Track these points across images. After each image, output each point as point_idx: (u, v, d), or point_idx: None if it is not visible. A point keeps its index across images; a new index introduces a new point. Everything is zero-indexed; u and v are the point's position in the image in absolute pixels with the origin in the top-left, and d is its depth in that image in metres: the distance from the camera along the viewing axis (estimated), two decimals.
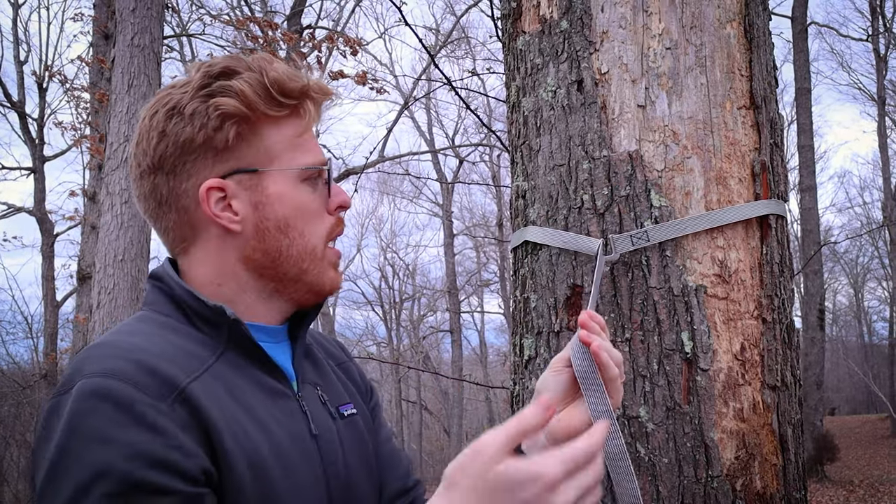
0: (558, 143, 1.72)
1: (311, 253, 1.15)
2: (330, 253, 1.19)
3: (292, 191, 1.14)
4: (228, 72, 1.11)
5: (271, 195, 1.13)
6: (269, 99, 1.11)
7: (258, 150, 1.13)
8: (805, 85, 16.23)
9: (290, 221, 1.14)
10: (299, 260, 1.15)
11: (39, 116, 17.45)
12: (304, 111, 1.15)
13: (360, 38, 12.65)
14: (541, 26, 1.80)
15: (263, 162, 1.13)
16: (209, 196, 1.11)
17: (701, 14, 1.69)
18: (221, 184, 1.11)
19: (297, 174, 1.14)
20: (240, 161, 1.12)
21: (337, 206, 1.19)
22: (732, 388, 1.58)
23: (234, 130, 1.10)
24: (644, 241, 1.58)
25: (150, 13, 6.80)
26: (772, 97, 1.78)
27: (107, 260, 6.30)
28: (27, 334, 19.42)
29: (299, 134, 1.16)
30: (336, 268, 1.21)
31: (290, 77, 1.12)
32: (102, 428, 0.91)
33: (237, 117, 1.10)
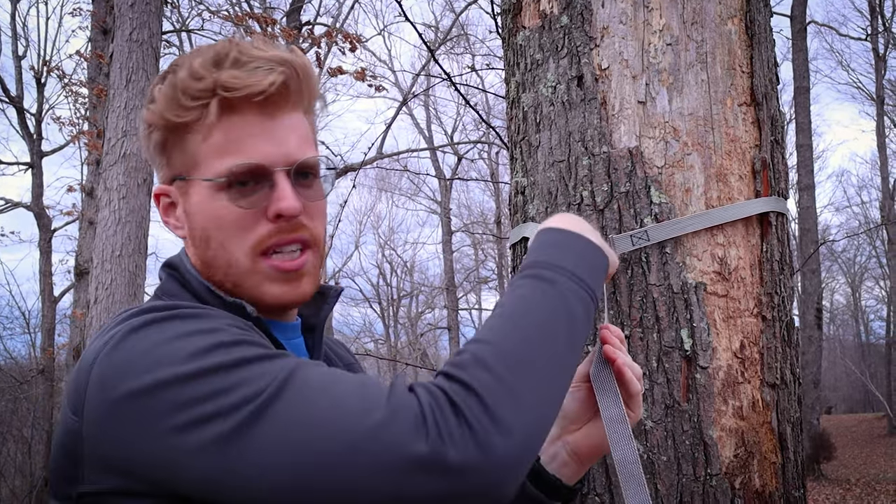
0: (558, 138, 1.71)
1: (234, 266, 1.06)
2: (263, 267, 1.06)
3: (209, 201, 1.06)
4: (166, 74, 1.08)
5: (193, 204, 1.08)
6: (174, 104, 1.04)
7: (185, 156, 1.07)
8: (804, 84, 16.24)
9: (209, 232, 1.07)
10: (227, 272, 1.07)
11: (37, 111, 17.42)
12: (207, 113, 1.03)
13: (359, 35, 12.62)
14: (541, 21, 1.79)
15: (188, 168, 1.07)
16: (159, 201, 1.12)
17: (702, 10, 1.68)
18: (166, 189, 1.11)
19: (213, 183, 1.05)
20: (174, 168, 1.09)
21: (274, 214, 1.05)
22: (732, 386, 1.57)
23: (158, 137, 1.08)
24: (644, 240, 1.57)
25: (149, 8, 6.78)
26: (773, 94, 1.77)
27: (104, 255, 6.29)
28: (24, 329, 19.38)
29: (207, 138, 1.05)
30: (282, 281, 1.07)
31: (197, 76, 1.03)
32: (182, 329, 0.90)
33: (154, 125, 1.07)
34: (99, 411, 0.88)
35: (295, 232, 1.07)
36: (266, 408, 0.81)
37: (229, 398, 0.82)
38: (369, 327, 33.11)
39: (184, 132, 1.06)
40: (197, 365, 0.85)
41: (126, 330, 0.92)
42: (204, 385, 0.83)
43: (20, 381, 16.02)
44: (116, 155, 6.41)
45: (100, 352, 0.92)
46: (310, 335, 1.20)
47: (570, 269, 0.99)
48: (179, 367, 0.85)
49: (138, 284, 6.35)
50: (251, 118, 1.05)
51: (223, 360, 0.85)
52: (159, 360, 0.86)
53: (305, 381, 0.84)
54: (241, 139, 1.04)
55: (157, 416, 0.84)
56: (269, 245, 1.06)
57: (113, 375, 0.88)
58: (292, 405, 0.82)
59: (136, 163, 6.33)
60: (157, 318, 0.92)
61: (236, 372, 0.84)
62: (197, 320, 0.92)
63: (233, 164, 1.03)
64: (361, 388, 0.84)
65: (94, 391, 0.89)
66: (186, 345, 0.87)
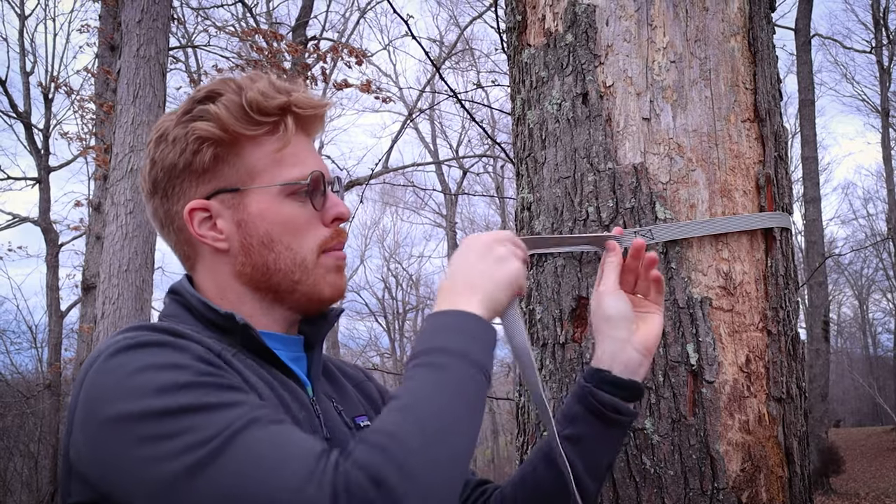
0: (563, 155, 1.73)
1: (300, 265, 1.17)
2: (326, 260, 1.19)
3: (275, 206, 1.16)
4: (212, 95, 1.16)
5: (253, 213, 1.16)
6: (245, 118, 1.14)
7: (239, 169, 1.16)
8: (809, 96, 16.26)
9: (274, 236, 1.16)
10: (289, 273, 1.17)
11: (45, 127, 17.53)
12: (285, 127, 1.16)
13: (364, 50, 12.70)
14: (546, 39, 1.81)
15: (244, 180, 1.16)
16: (192, 217, 1.17)
17: (705, 28, 1.70)
18: (205, 204, 1.17)
19: (279, 189, 1.16)
20: (221, 181, 1.17)
21: (333, 218, 1.20)
22: (738, 401, 1.58)
23: (212, 152, 1.15)
24: (648, 239, 1.58)
25: (156, 25, 6.84)
26: (776, 110, 1.79)
27: (111, 270, 6.32)
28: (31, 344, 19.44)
29: (280, 149, 1.16)
30: (338, 271, 1.21)
31: (267, 95, 1.14)
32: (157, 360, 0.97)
33: (212, 140, 1.14)
34: (81, 433, 0.97)
35: (343, 236, 1.23)
36: (210, 459, 0.89)
37: (181, 441, 0.90)
38: (375, 341, 33.13)
39: (240, 146, 1.16)
40: (158, 403, 0.92)
41: (111, 351, 0.99)
42: (160, 425, 0.91)
43: (27, 396, 16.05)
44: (124, 170, 6.45)
45: (88, 368, 1.00)
46: (309, 352, 1.27)
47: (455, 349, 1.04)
48: (145, 402, 0.92)
49: (145, 299, 6.37)
50: (303, 137, 1.21)
51: (181, 404, 0.92)
52: (130, 391, 0.93)
53: (252, 441, 0.90)
54: (302, 153, 1.19)
55: (123, 446, 0.92)
56: (332, 245, 1.20)
57: (94, 399, 0.96)
58: (235, 463, 0.89)
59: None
60: (136, 343, 0.99)
61: (190, 417, 0.91)
62: (169, 351, 0.98)
63: (303, 172, 1.17)
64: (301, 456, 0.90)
65: (80, 412, 0.98)
66: (153, 378, 0.94)
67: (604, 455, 1.30)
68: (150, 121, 6.56)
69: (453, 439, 0.96)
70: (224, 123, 1.13)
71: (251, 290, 1.19)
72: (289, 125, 1.16)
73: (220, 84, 1.17)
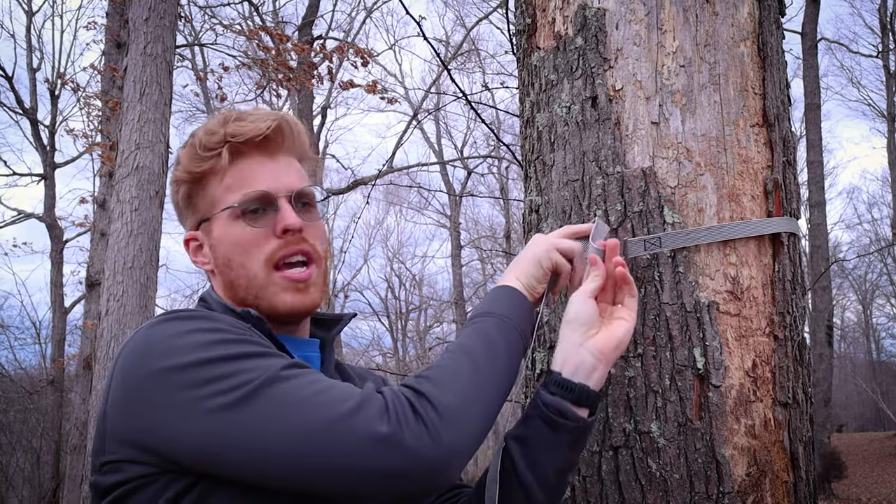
0: (572, 158, 1.73)
1: (253, 280, 1.27)
2: (276, 279, 1.27)
3: (226, 229, 1.28)
4: (186, 142, 1.34)
5: (215, 237, 1.31)
6: (195, 157, 1.29)
7: (206, 201, 1.31)
8: (815, 101, 16.24)
9: (230, 256, 1.29)
10: (248, 288, 1.28)
11: (51, 123, 17.57)
12: (220, 157, 1.28)
13: (370, 49, 12.70)
14: (555, 43, 1.82)
15: (209, 209, 1.31)
16: (188, 246, 1.35)
17: (715, 32, 1.71)
18: (194, 234, 1.34)
19: (230, 213, 1.28)
20: (198, 213, 1.33)
21: (282, 230, 1.27)
22: (744, 405, 1.58)
23: (184, 191, 1.33)
24: (656, 246, 1.58)
25: (163, 23, 6.85)
26: (785, 115, 1.79)
27: (116, 267, 6.33)
28: (35, 340, 19.48)
29: (222, 179, 1.29)
30: (295, 291, 1.28)
31: (210, 131, 1.28)
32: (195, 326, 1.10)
33: (181, 180, 1.32)
34: (119, 391, 1.08)
35: (299, 245, 1.28)
36: (257, 391, 1.00)
37: (228, 381, 1.01)
38: (378, 341, 33.11)
39: (204, 180, 1.30)
40: (203, 354, 1.03)
41: (147, 325, 1.12)
42: (208, 370, 1.02)
43: (30, 392, 16.08)
44: (129, 167, 6.47)
45: (132, 340, 1.12)
46: (322, 352, 1.39)
47: (492, 311, 1.29)
48: (189, 355, 1.03)
49: (149, 296, 6.39)
50: (257, 158, 1.30)
51: (224, 353, 1.03)
52: (175, 349, 1.05)
53: (291, 376, 1.03)
54: (249, 176, 1.29)
55: (167, 393, 1.03)
56: (280, 256, 1.27)
57: (136, 358, 1.08)
58: (280, 392, 1.01)
59: (149, 175, 6.39)
60: (175, 316, 1.12)
61: (234, 363, 1.03)
62: (205, 320, 1.11)
63: (244, 192, 1.27)
64: (339, 385, 1.06)
65: (117, 376, 1.09)
66: (196, 337, 1.06)
67: (549, 461, 1.30)
68: (156, 118, 6.58)
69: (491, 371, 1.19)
70: (184, 166, 1.30)
71: (238, 304, 1.30)
72: (223, 155, 1.27)
73: (199, 127, 1.34)
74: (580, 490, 1.62)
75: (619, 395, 1.60)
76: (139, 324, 6.17)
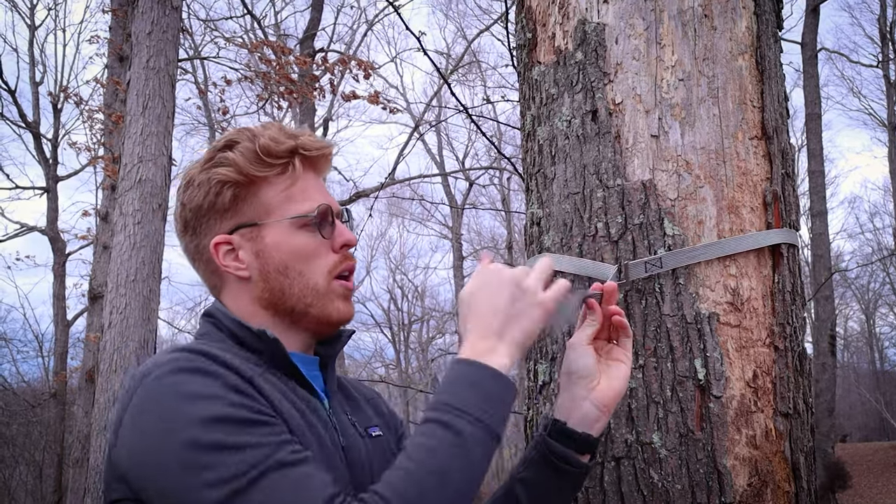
0: (573, 171, 1.75)
1: (312, 289, 1.30)
2: (336, 286, 1.32)
3: (288, 237, 1.30)
4: (230, 144, 1.31)
5: (269, 244, 1.30)
6: (258, 162, 1.29)
7: (256, 206, 1.31)
8: (815, 110, 16.25)
9: (289, 264, 1.29)
10: (302, 296, 1.30)
11: (54, 136, 17.63)
12: (293, 167, 1.30)
13: (371, 62, 12.76)
14: (556, 57, 1.84)
15: (261, 215, 1.30)
16: (218, 250, 1.32)
17: (713, 46, 1.73)
18: (228, 238, 1.31)
19: (290, 222, 1.30)
20: (241, 217, 1.31)
21: (341, 245, 1.32)
22: (745, 416, 1.59)
23: (231, 193, 1.30)
24: (657, 267, 1.60)
25: (166, 36, 6.89)
26: (783, 128, 1.81)
27: (119, 280, 6.34)
28: (38, 353, 19.49)
29: (289, 187, 1.31)
30: (345, 299, 1.33)
31: (277, 140, 1.29)
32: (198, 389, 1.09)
33: (231, 182, 1.29)
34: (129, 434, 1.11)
35: (352, 260, 1.36)
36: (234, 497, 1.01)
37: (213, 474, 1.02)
38: (380, 352, 33.08)
39: (257, 186, 1.30)
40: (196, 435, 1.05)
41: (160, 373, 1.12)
42: (197, 456, 1.04)
43: (32, 405, 16.07)
44: (132, 180, 6.49)
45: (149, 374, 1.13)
46: (323, 370, 1.40)
47: (477, 416, 1.12)
48: (185, 431, 1.05)
49: (152, 309, 6.40)
50: (312, 174, 1.35)
51: (214, 440, 1.04)
52: (176, 416, 1.07)
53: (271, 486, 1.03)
54: (308, 190, 1.32)
55: (163, 460, 1.06)
56: (341, 269, 1.33)
57: (144, 411, 1.10)
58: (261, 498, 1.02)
59: (152, 188, 6.41)
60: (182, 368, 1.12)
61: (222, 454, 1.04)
62: (207, 379, 1.11)
63: (311, 206, 1.30)
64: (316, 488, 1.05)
65: (127, 427, 1.12)
66: (198, 409, 1.07)
67: (552, 502, 1.37)
68: (159, 131, 6.61)
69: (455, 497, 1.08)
70: (240, 168, 1.28)
71: (270, 314, 1.31)
72: (297, 165, 1.31)
73: (237, 133, 1.33)
74: (583, 501, 1.63)
75: (620, 406, 1.61)
76: (142, 337, 6.18)
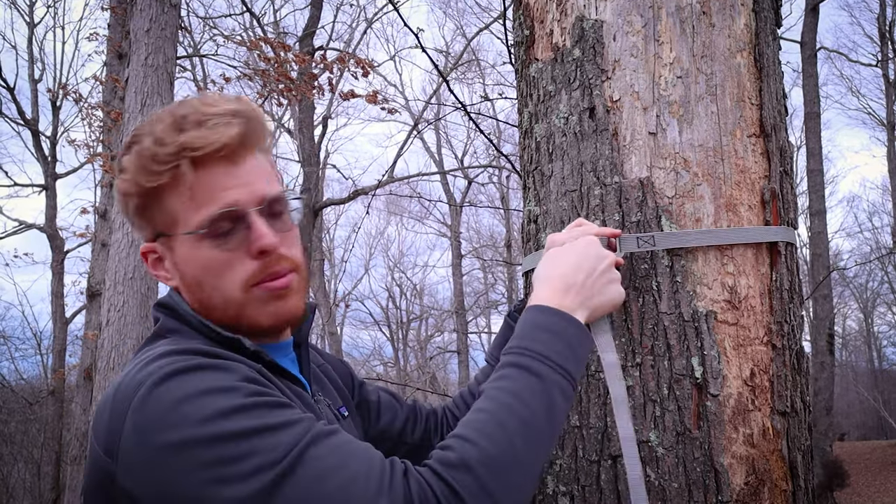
0: (570, 168, 1.75)
1: (230, 301, 1.15)
2: (256, 295, 1.16)
3: (193, 251, 1.15)
4: (131, 143, 1.16)
5: (179, 257, 1.18)
6: (144, 171, 1.12)
7: (164, 215, 1.16)
8: (814, 109, 16.23)
9: (201, 279, 1.16)
10: (225, 309, 1.16)
11: (52, 134, 17.61)
12: (180, 170, 1.11)
13: (370, 60, 12.74)
14: (553, 54, 1.83)
15: (169, 226, 1.16)
16: (147, 258, 1.22)
17: (711, 44, 1.72)
18: (152, 246, 1.21)
19: (194, 235, 1.13)
20: (156, 227, 1.18)
21: (257, 251, 1.14)
22: (742, 414, 1.59)
23: (134, 204, 1.17)
24: (650, 244, 1.59)
25: (164, 34, 6.89)
26: (781, 125, 1.80)
27: (117, 277, 6.34)
28: (36, 350, 19.47)
29: (190, 193, 1.12)
30: (277, 299, 1.17)
31: (162, 143, 1.11)
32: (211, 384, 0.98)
33: (130, 193, 1.16)
34: (134, 459, 0.96)
35: (278, 264, 1.16)
36: (281, 480, 0.90)
37: (250, 463, 0.91)
38: (379, 350, 33.08)
39: (160, 194, 1.14)
40: (220, 428, 0.92)
41: (155, 379, 0.98)
42: (226, 448, 0.92)
43: (31, 403, 16.07)
44: None
45: (132, 397, 0.98)
46: (297, 350, 1.31)
47: (556, 360, 1.09)
48: (205, 428, 0.93)
49: (150, 307, 6.39)
50: (218, 169, 1.13)
51: (244, 427, 0.93)
52: (186, 417, 0.94)
53: (318, 458, 0.93)
54: (213, 190, 1.13)
55: (186, 471, 0.92)
56: (261, 277, 1.15)
57: (146, 428, 0.95)
58: (305, 481, 0.91)
59: None
60: (181, 368, 0.99)
61: (255, 439, 0.92)
62: (216, 373, 1.00)
63: (209, 213, 1.12)
64: (367, 470, 0.94)
65: (129, 441, 0.96)
66: (210, 403, 0.94)
67: None
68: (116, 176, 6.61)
69: (537, 461, 1.01)
70: (133, 177, 1.14)
71: (213, 320, 1.18)
72: (184, 170, 1.11)
73: (140, 128, 1.16)
74: (579, 499, 1.63)
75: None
76: (139, 334, 6.18)
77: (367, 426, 1.51)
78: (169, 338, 1.16)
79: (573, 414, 1.68)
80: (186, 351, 1.04)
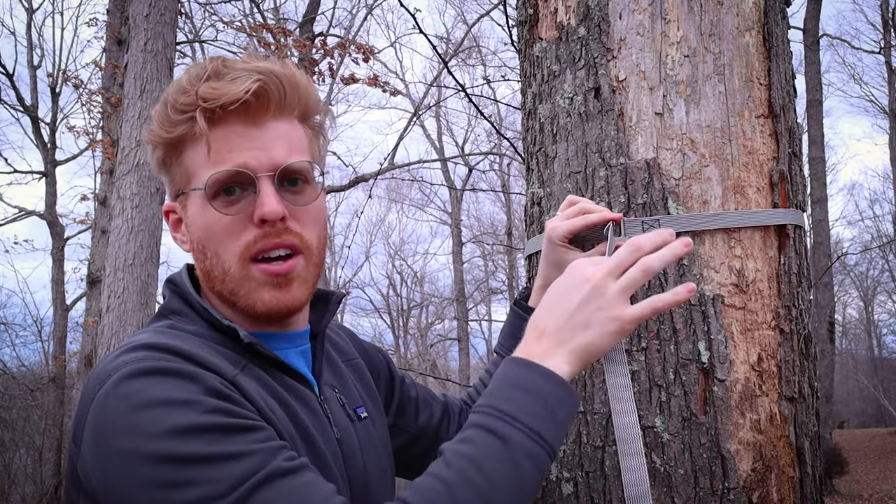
0: (575, 150, 1.71)
1: (228, 274, 1.09)
2: (254, 273, 1.08)
3: (201, 210, 1.09)
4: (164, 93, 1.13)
5: (190, 216, 1.12)
6: (166, 120, 1.09)
7: (182, 170, 1.11)
8: (816, 97, 16.18)
9: (205, 242, 1.10)
10: (224, 282, 1.09)
11: (52, 121, 17.56)
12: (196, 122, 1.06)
13: (371, 46, 12.67)
14: (558, 33, 1.79)
15: (185, 182, 1.11)
16: (168, 217, 1.17)
17: (719, 22, 1.68)
18: (173, 205, 1.16)
19: (202, 192, 1.08)
20: (176, 184, 1.13)
21: (259, 219, 1.06)
22: (749, 399, 1.56)
23: (158, 155, 1.13)
24: (654, 228, 1.56)
25: (164, 19, 6.84)
26: (790, 106, 1.77)
27: (117, 264, 6.32)
28: (37, 337, 19.48)
29: (206, 148, 1.07)
30: (274, 287, 1.09)
31: (181, 90, 1.07)
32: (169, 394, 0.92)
33: (154, 142, 1.12)
34: (88, 454, 0.94)
35: (280, 237, 1.08)
36: None
37: (191, 493, 0.86)
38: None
39: (180, 147, 1.10)
40: (168, 448, 0.88)
41: (120, 375, 0.94)
42: (170, 472, 0.87)
43: (32, 389, 16.09)
44: (130, 164, 6.46)
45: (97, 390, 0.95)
46: (313, 342, 1.24)
47: (526, 422, 0.96)
48: (154, 444, 0.88)
49: (150, 293, 6.38)
50: (236, 127, 1.07)
51: (192, 452, 0.88)
52: (138, 427, 0.89)
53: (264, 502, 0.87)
54: (226, 148, 1.07)
55: (133, 482, 0.88)
56: (256, 250, 1.07)
57: (102, 429, 0.92)
58: None
59: (150, 172, 6.38)
60: (148, 369, 0.94)
61: (202, 468, 0.87)
62: (180, 381, 0.94)
63: (217, 172, 1.06)
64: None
65: (88, 435, 0.94)
66: (165, 417, 0.89)
67: None
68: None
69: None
70: (155, 127, 1.11)
71: (216, 294, 1.13)
72: (198, 121, 1.06)
73: (177, 80, 1.12)
74: (583, 485, 1.60)
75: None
76: (139, 321, 6.16)
77: (407, 423, 1.47)
78: (171, 319, 1.12)
79: None
80: (161, 348, 0.99)
